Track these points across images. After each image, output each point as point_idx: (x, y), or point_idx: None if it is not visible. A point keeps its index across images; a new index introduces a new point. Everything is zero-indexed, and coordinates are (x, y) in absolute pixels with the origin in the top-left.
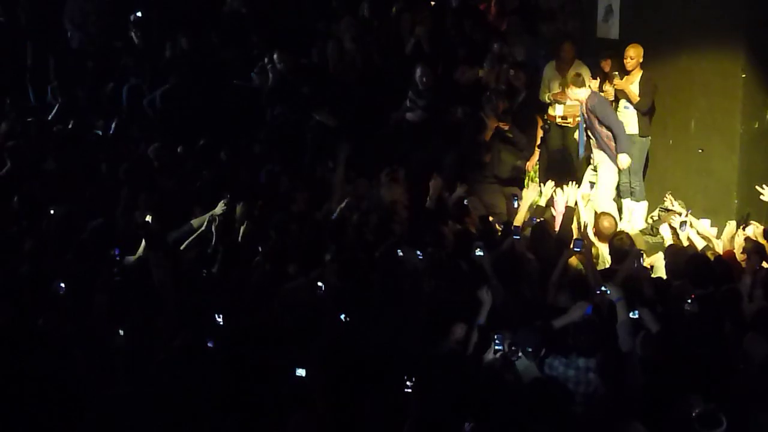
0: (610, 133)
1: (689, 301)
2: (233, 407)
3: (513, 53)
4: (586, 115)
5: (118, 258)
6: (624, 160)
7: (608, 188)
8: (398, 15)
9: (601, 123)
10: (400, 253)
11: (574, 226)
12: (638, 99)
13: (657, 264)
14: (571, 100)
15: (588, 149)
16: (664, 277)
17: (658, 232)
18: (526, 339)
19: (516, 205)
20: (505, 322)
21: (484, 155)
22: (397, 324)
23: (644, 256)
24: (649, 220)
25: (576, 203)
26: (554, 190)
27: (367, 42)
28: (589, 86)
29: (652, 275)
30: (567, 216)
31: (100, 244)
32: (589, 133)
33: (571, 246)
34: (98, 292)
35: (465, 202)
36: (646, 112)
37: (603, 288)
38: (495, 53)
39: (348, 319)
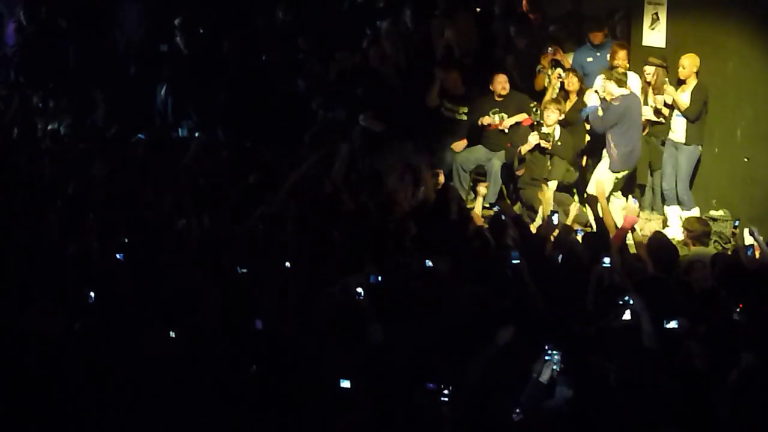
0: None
1: (738, 310)
2: (276, 410)
3: (567, 60)
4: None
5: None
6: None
7: (596, 182)
8: (430, 20)
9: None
10: (429, 264)
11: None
12: (686, 107)
13: None
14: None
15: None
16: None
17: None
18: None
19: (556, 221)
20: (547, 328)
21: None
22: (436, 330)
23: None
24: None
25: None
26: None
27: (407, 47)
28: (630, 91)
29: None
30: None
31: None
32: None
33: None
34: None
35: (497, 208)
36: (694, 120)
37: (626, 297)
38: (550, 58)
39: (388, 325)
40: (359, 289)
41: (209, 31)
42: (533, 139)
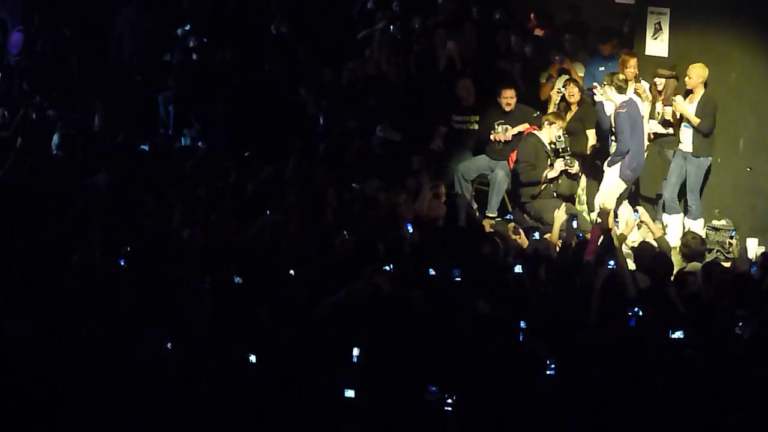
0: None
1: (740, 324)
2: (278, 420)
3: (574, 69)
4: (612, 118)
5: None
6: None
7: (607, 191)
8: (433, 30)
9: (613, 131)
10: (432, 272)
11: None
12: (699, 121)
13: None
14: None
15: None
16: None
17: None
18: None
19: (575, 225)
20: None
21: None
22: (437, 339)
23: None
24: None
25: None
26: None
27: (406, 58)
28: (631, 98)
29: None
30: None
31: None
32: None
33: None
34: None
35: (509, 216)
36: (708, 134)
37: (636, 309)
38: (558, 67)
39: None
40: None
41: (211, 41)
42: (559, 165)
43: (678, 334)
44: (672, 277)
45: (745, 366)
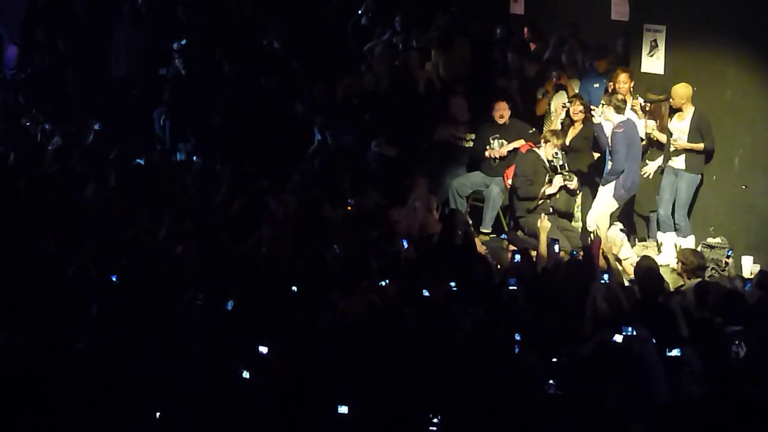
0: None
1: (737, 342)
2: None
3: (571, 85)
4: (608, 138)
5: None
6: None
7: (600, 210)
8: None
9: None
10: (426, 293)
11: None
12: (703, 145)
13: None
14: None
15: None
16: None
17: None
18: None
19: (557, 250)
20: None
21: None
22: (429, 358)
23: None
24: None
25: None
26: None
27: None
28: (629, 118)
29: None
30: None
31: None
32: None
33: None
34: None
35: (505, 236)
36: (712, 150)
37: (630, 329)
38: (554, 83)
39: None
40: None
41: (208, 55)
42: (558, 182)
43: (675, 352)
44: (666, 294)
45: (743, 385)
